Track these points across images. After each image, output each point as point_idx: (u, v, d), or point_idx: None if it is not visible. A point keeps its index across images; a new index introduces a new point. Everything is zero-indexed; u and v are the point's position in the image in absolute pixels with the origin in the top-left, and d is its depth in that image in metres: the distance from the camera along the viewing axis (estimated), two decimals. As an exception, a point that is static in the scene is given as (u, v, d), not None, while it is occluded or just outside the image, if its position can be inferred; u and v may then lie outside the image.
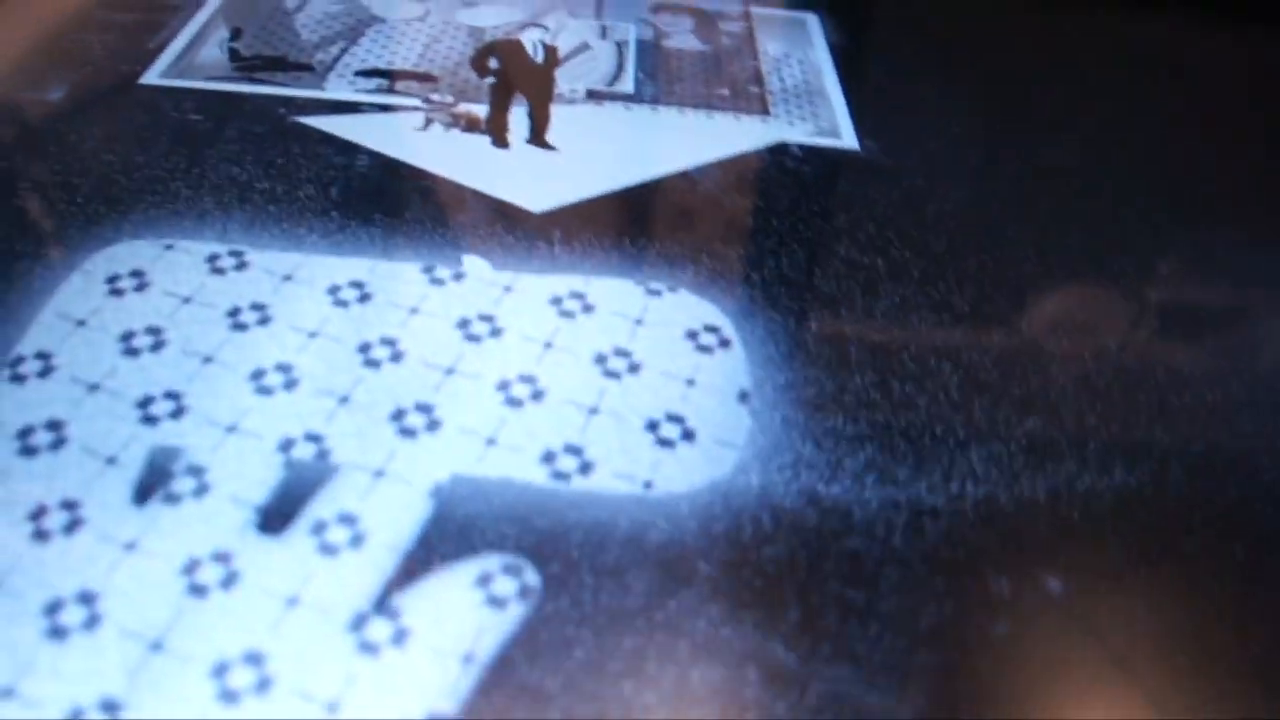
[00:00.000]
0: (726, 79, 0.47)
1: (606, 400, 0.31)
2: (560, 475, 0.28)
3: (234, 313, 0.32)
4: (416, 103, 0.43)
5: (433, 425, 0.29)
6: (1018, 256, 0.38)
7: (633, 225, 0.37)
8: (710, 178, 0.40)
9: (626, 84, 0.46)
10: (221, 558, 0.26)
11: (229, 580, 0.25)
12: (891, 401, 0.31)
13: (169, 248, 0.34)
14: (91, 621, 0.24)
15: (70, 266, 0.34)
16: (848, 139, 0.43)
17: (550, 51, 0.46)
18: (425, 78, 0.45)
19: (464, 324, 0.32)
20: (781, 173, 0.41)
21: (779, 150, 0.42)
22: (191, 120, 0.41)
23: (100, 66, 0.44)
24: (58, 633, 0.24)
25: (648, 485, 0.28)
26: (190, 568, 0.26)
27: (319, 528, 0.27)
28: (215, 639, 0.24)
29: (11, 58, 0.45)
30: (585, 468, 0.29)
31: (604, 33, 0.49)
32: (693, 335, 0.33)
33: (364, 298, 0.33)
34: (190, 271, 0.34)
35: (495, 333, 0.32)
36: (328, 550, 0.26)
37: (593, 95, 0.45)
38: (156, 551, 0.26)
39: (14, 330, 0.31)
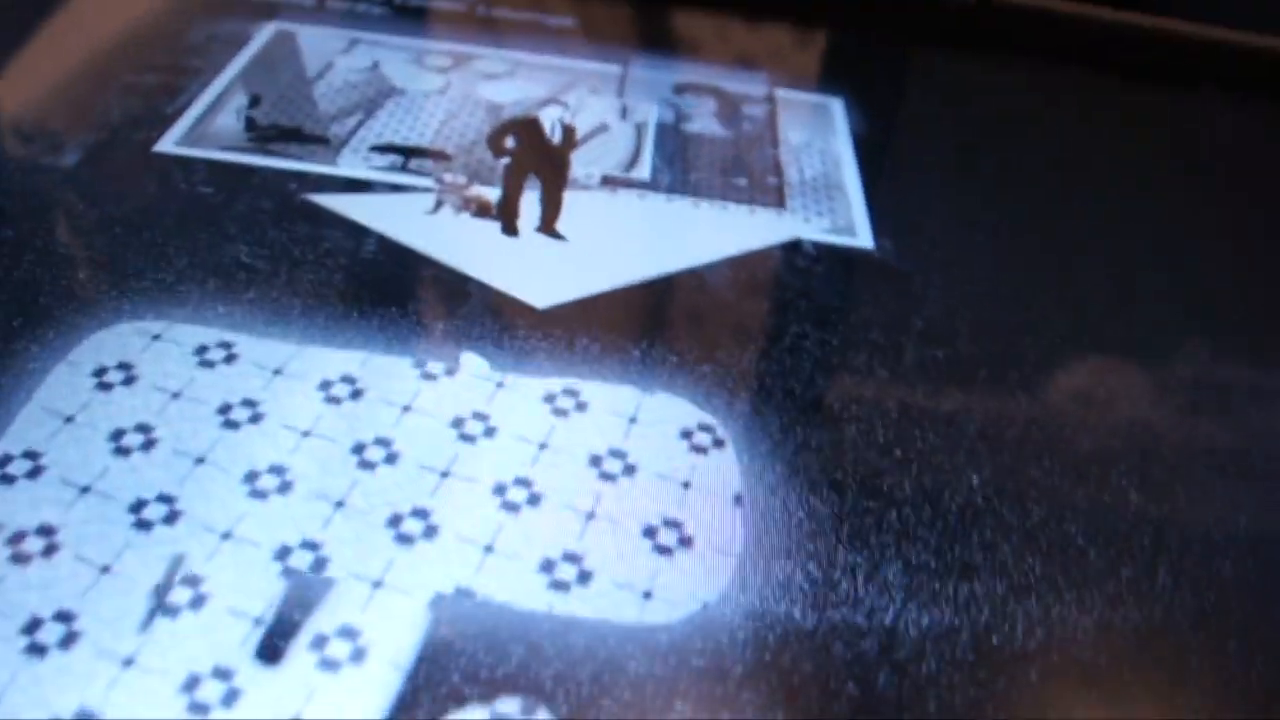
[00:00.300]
0: (745, 168, 0.47)
1: (603, 505, 0.31)
2: (559, 585, 0.29)
3: (225, 409, 0.32)
4: (429, 182, 0.43)
5: (430, 531, 0.30)
6: (1029, 375, 0.38)
7: (636, 324, 0.37)
8: (719, 275, 0.40)
9: (643, 170, 0.46)
10: (222, 674, 0.26)
11: (229, 698, 0.25)
12: (891, 514, 0.32)
13: (156, 338, 0.34)
14: (90, 742, 0.24)
15: (59, 353, 0.34)
16: (863, 237, 0.43)
17: (568, 132, 0.46)
18: (440, 155, 0.45)
19: (458, 423, 0.33)
20: (792, 272, 0.41)
21: (792, 248, 0.42)
22: (201, 193, 0.41)
23: (117, 131, 0.44)
24: (58, 757, 0.24)
25: (647, 595, 0.29)
26: (190, 685, 0.25)
27: (319, 642, 0.27)
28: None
29: (33, 117, 0.45)
30: (584, 577, 0.29)
31: (624, 113, 0.49)
32: (687, 434, 0.33)
33: (356, 394, 0.33)
34: (179, 364, 0.34)
35: (489, 432, 0.33)
36: (329, 666, 0.26)
37: (608, 181, 0.45)
38: (155, 668, 0.26)
39: (1, 423, 0.31)
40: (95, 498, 0.29)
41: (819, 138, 0.49)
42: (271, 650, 0.26)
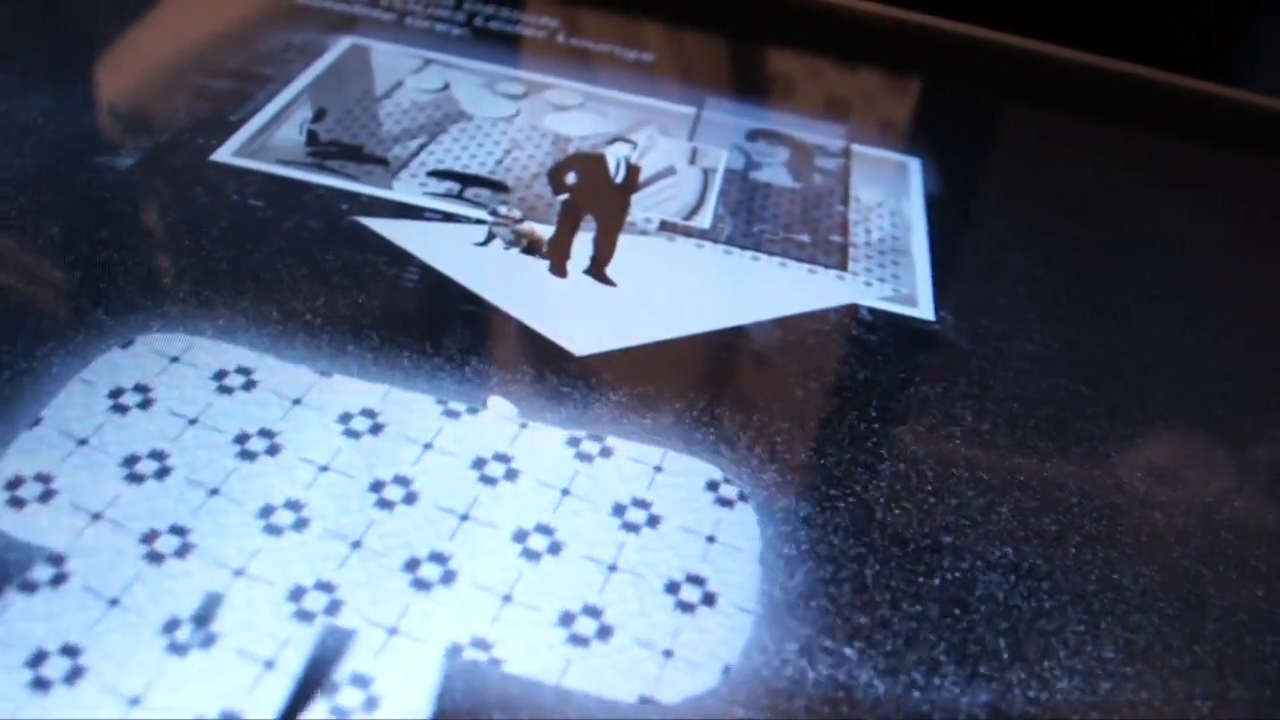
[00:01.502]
0: (810, 224, 0.46)
1: (625, 556, 0.31)
2: (579, 640, 0.29)
3: (242, 439, 0.32)
4: (483, 214, 0.43)
5: (448, 577, 0.30)
6: (1089, 452, 0.37)
7: (675, 378, 0.37)
8: (768, 336, 0.40)
9: (704, 218, 0.45)
10: (230, 719, 0.26)
11: (236, 744, 0.25)
12: (921, 585, 0.32)
13: (175, 360, 0.34)
14: (92, 784, 0.24)
15: (76, 369, 0.34)
16: (924, 308, 0.42)
17: (633, 172, 0.46)
18: (498, 186, 0.45)
19: (479, 464, 0.33)
20: (846, 339, 0.40)
21: (848, 313, 0.41)
22: (251, 206, 0.41)
23: (178, 136, 0.45)
24: (59, 799, 0.24)
25: (668, 654, 0.29)
26: (197, 728, 0.25)
27: (331, 689, 0.27)
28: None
29: (98, 118, 0.45)
30: (604, 632, 0.29)
31: (693, 156, 0.49)
32: (713, 487, 0.33)
33: (376, 428, 0.33)
34: (197, 389, 0.34)
35: (511, 475, 0.33)
36: (340, 714, 0.26)
37: (666, 227, 0.44)
38: (162, 708, 0.26)
39: (11, 438, 0.31)
40: (106, 526, 0.30)
41: (892, 198, 0.49)
42: (282, 689, 0.26)
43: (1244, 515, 0.36)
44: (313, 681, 0.27)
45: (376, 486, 0.32)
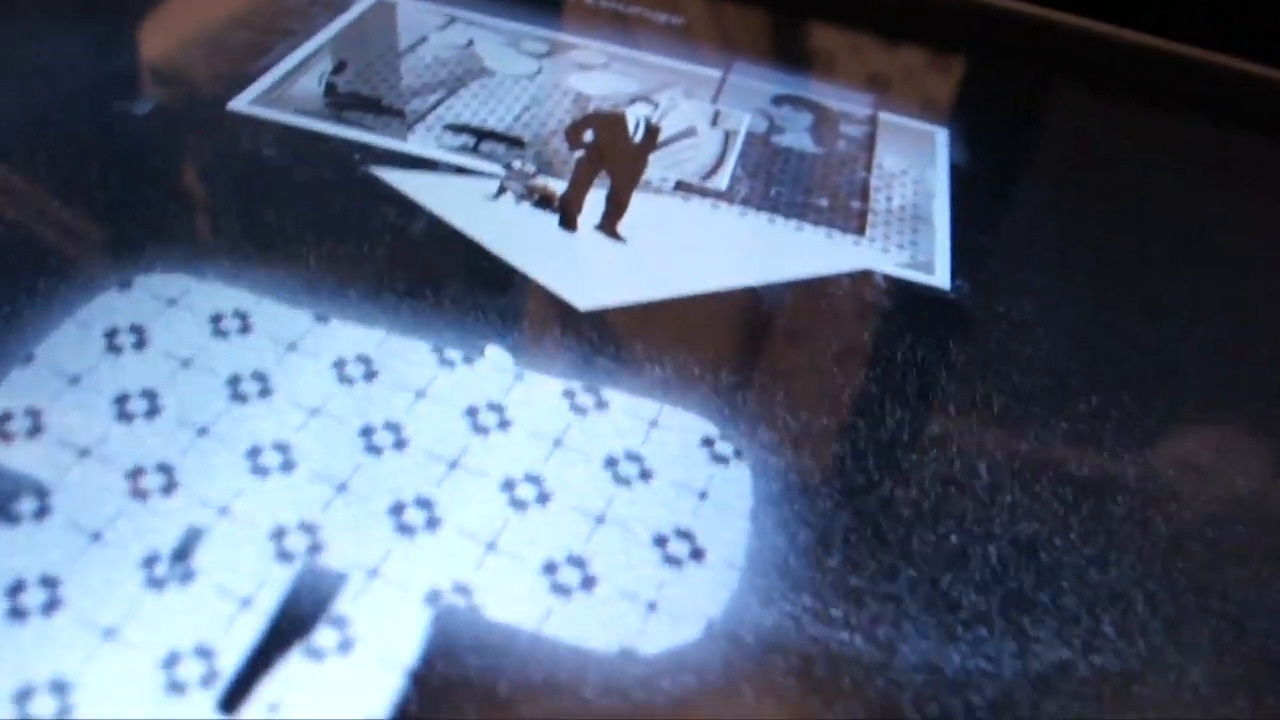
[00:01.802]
0: (829, 189, 0.45)
1: (615, 509, 0.31)
2: (561, 589, 0.28)
3: (234, 381, 0.32)
4: (496, 168, 0.43)
5: (432, 523, 0.29)
6: (1088, 432, 0.36)
7: (679, 336, 0.37)
8: (778, 298, 0.39)
9: (721, 180, 0.45)
10: (203, 653, 0.26)
11: (209, 679, 0.25)
12: (909, 546, 0.31)
13: (172, 303, 0.34)
14: (63, 711, 0.24)
15: (72, 309, 0.34)
16: (940, 276, 0.41)
17: (652, 132, 0.45)
18: (514, 141, 0.44)
19: (472, 412, 0.33)
20: (857, 304, 0.40)
21: (862, 278, 0.41)
22: (265, 156, 0.41)
23: (197, 85, 0.45)
24: (28, 726, 0.24)
25: (651, 606, 0.28)
26: (170, 662, 0.25)
27: (307, 630, 0.27)
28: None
29: (119, 63, 0.45)
30: (588, 582, 0.29)
31: (715, 119, 0.48)
32: (709, 443, 0.33)
33: (370, 375, 0.33)
34: (192, 331, 0.34)
35: (503, 425, 0.32)
36: (314, 655, 0.26)
37: (681, 187, 0.44)
38: (136, 642, 0.26)
39: (3, 374, 0.31)
40: (93, 462, 0.30)
41: (916, 166, 0.48)
42: (257, 624, 0.26)
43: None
44: (289, 622, 0.27)
45: (366, 432, 0.32)
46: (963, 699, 0.27)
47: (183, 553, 0.28)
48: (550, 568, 0.29)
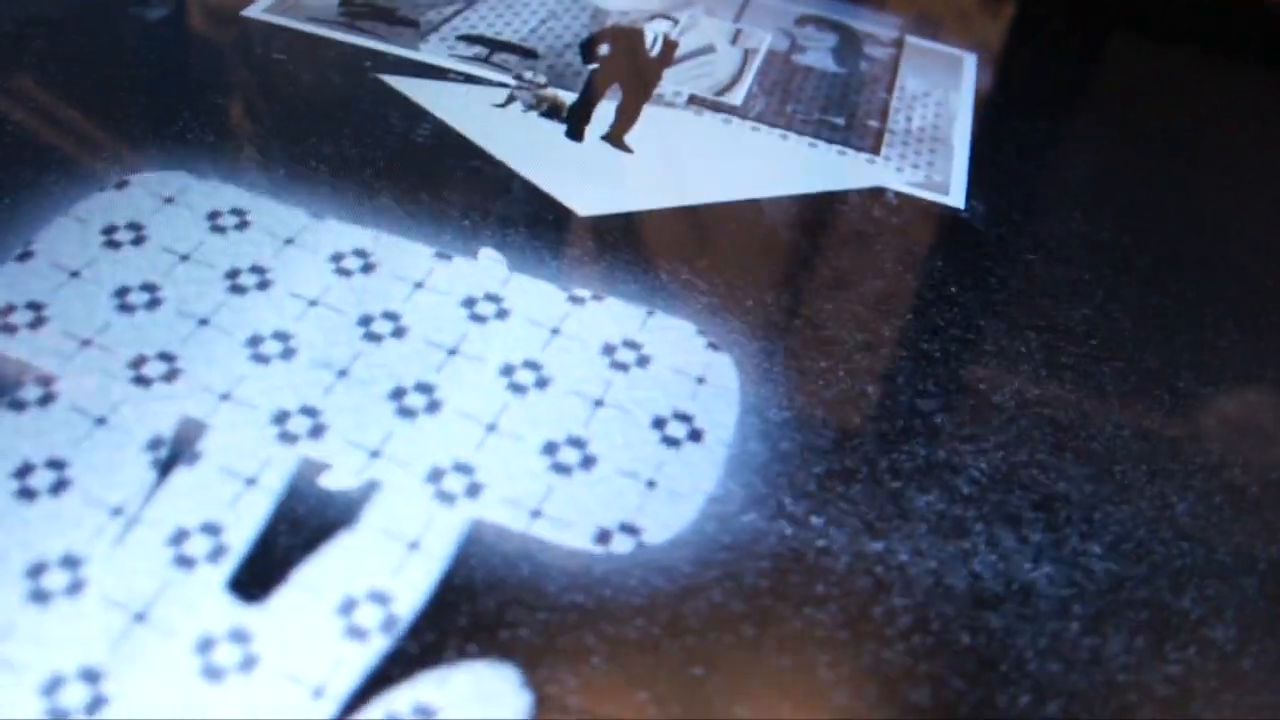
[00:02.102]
0: (847, 108, 0.45)
1: (613, 393, 0.31)
2: (561, 468, 0.29)
3: (232, 274, 0.33)
4: (506, 78, 0.43)
5: (433, 406, 0.30)
6: (1069, 371, 0.35)
7: (676, 245, 0.37)
8: (781, 211, 0.39)
9: (736, 95, 0.44)
10: (211, 530, 0.26)
11: (216, 553, 0.26)
12: (898, 459, 0.32)
13: (169, 201, 0.35)
14: (75, 587, 0.25)
15: (71, 204, 0.34)
16: (955, 196, 0.41)
17: (669, 47, 0.45)
18: (527, 53, 0.44)
19: (470, 303, 0.33)
20: (864, 219, 0.39)
21: (872, 195, 0.40)
22: (273, 59, 0.42)
23: None
24: (40, 596, 0.24)
25: (651, 484, 0.29)
26: (178, 539, 0.26)
27: (309, 506, 0.27)
28: (202, 613, 0.25)
29: None
30: (588, 461, 0.29)
31: (735, 37, 0.48)
32: (704, 332, 0.33)
33: (368, 268, 0.33)
34: (190, 227, 0.34)
35: (502, 314, 0.33)
36: (320, 535, 0.27)
37: (695, 101, 0.43)
38: (145, 519, 0.26)
39: (5, 269, 0.32)
40: (96, 351, 0.30)
41: (940, 89, 0.47)
42: (264, 505, 0.27)
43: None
44: (294, 501, 0.27)
45: (365, 320, 0.32)
46: (938, 610, 0.28)
47: (188, 437, 0.28)
48: (551, 448, 0.29)
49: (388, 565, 0.26)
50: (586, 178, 0.38)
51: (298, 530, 0.27)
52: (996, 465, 0.31)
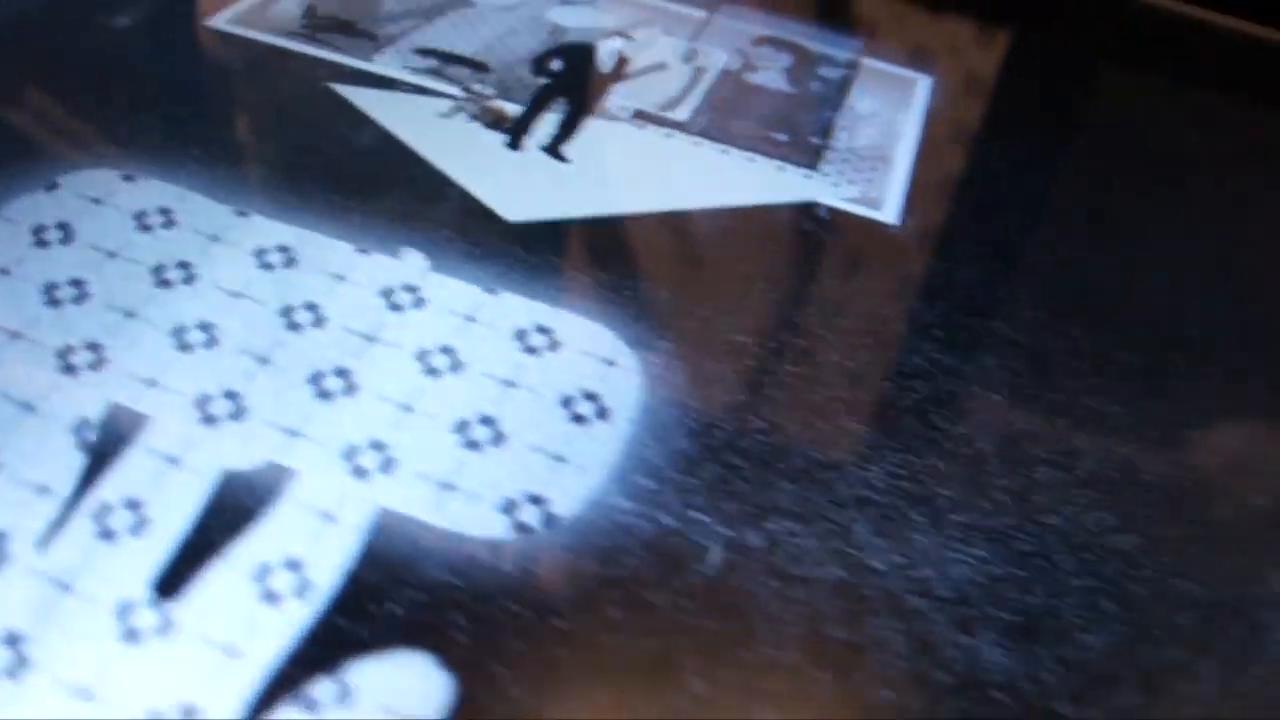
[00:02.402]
0: (792, 126, 0.45)
1: (524, 375, 0.33)
2: (473, 444, 0.30)
3: (159, 270, 0.34)
4: (455, 90, 0.44)
5: (351, 389, 0.31)
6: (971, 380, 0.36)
7: (595, 251, 0.38)
8: (711, 222, 0.40)
9: (683, 111, 0.45)
10: (132, 505, 0.28)
11: (138, 527, 0.27)
12: (766, 463, 0.33)
13: (97, 201, 0.36)
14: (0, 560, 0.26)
15: (4, 203, 0.35)
16: (888, 212, 0.41)
17: (621, 63, 0.46)
18: (479, 66, 0.46)
19: (388, 293, 0.34)
20: (791, 231, 0.40)
21: (803, 208, 0.41)
22: (229, 68, 0.43)
23: (179, 4, 0.46)
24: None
25: (559, 459, 0.30)
26: (102, 514, 0.27)
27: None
28: (121, 582, 0.26)
29: None
30: (498, 439, 0.31)
31: (689, 55, 0.49)
32: (613, 328, 0.35)
33: (290, 262, 0.35)
34: (117, 227, 0.35)
35: (419, 303, 0.34)
36: (242, 513, 0.28)
37: (640, 116, 0.44)
38: (70, 497, 0.28)
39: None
40: (24, 343, 0.31)
41: (889, 109, 0.48)
42: (186, 478, 0.28)
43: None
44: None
45: (286, 311, 0.33)
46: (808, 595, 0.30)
47: (112, 420, 0.29)
48: (463, 426, 0.31)
49: (303, 536, 0.27)
50: (519, 186, 0.40)
51: (219, 507, 0.28)
52: (891, 470, 0.32)
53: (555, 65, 0.45)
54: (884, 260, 0.40)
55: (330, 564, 0.27)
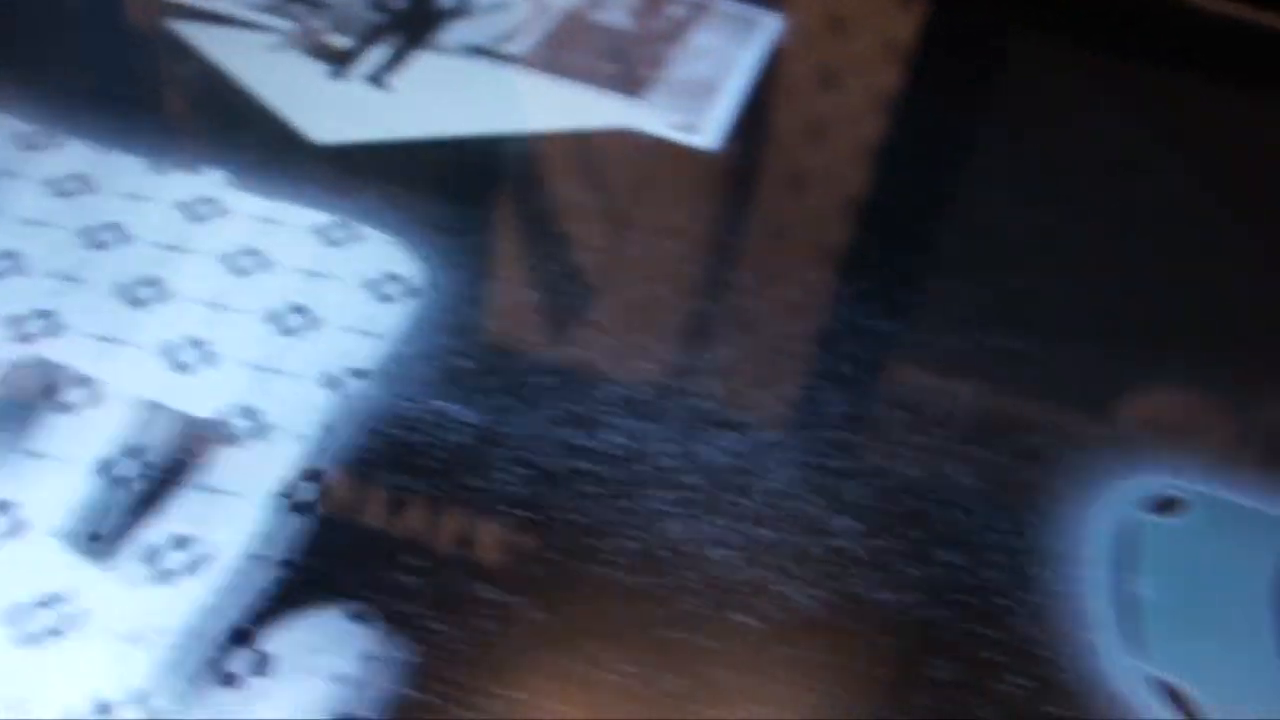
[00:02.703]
0: (625, 58, 0.45)
1: (325, 266, 0.34)
2: (289, 331, 0.32)
3: (-47, 209, 0.34)
4: (288, 24, 0.44)
5: (162, 296, 0.33)
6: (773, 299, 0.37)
7: (401, 172, 0.39)
8: (525, 146, 0.41)
9: (517, 46, 0.45)
10: (-40, 423, 0.29)
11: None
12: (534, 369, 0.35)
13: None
14: None
15: None
16: (709, 137, 0.42)
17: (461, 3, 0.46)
18: (315, 2, 0.46)
19: (186, 206, 0.36)
20: (605, 154, 0.41)
21: (623, 133, 0.42)
22: (65, 4, 0.43)
23: None
24: None
25: (378, 337, 0.32)
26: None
27: (53, 391, 0.30)
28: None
29: None
30: (315, 323, 0.32)
31: None
32: (405, 237, 0.37)
33: (90, 187, 0.36)
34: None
35: (222, 213, 0.35)
36: (64, 409, 0.29)
37: (472, 50, 0.44)
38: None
39: None
40: None
41: (730, 45, 0.47)
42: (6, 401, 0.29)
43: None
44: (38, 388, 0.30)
45: (87, 232, 0.34)
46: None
47: (-74, 346, 0.30)
48: (275, 316, 0.32)
49: (128, 425, 0.29)
50: (332, 111, 0.41)
51: (41, 404, 0.29)
52: (657, 380, 0.34)
53: (396, 2, 0.46)
54: (692, 182, 0.41)
55: (156, 445, 0.28)
